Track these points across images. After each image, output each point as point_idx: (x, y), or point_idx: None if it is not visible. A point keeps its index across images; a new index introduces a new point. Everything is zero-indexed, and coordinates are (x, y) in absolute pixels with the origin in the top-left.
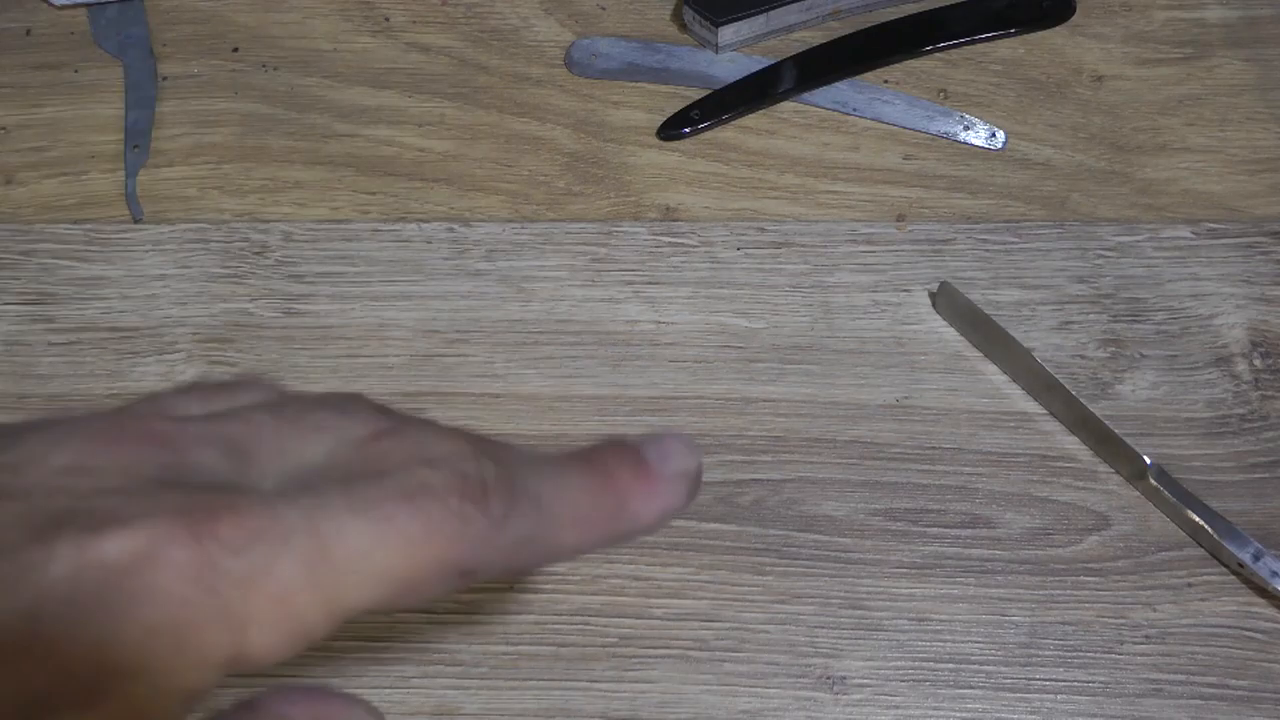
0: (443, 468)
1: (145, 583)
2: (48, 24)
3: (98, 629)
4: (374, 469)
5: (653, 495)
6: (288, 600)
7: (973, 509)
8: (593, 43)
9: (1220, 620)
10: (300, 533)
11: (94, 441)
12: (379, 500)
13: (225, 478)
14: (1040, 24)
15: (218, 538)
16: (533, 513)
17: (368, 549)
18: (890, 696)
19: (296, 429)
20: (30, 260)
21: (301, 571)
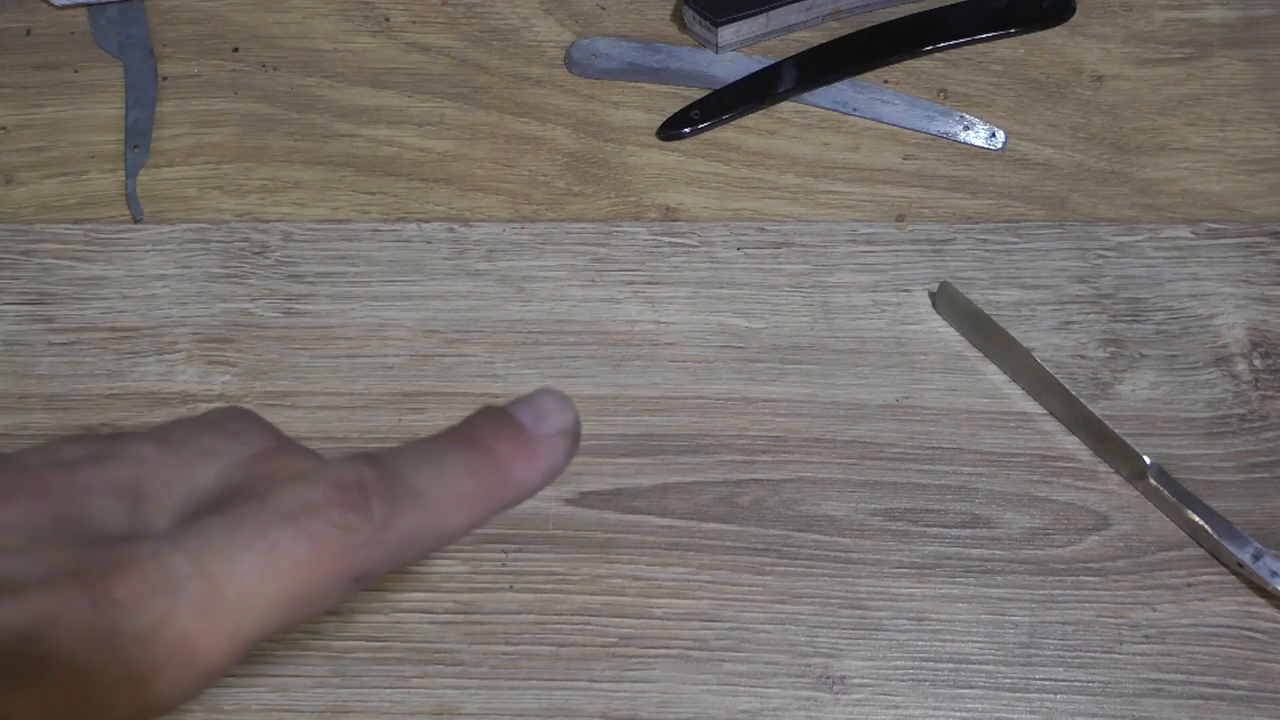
0: (319, 481)
1: (44, 650)
2: (48, 24)
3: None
4: (257, 493)
5: (534, 459)
6: (188, 646)
7: (973, 509)
8: (593, 43)
9: (1220, 620)
10: (192, 578)
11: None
12: (262, 529)
13: (119, 524)
14: (1040, 24)
15: (113, 599)
16: (417, 505)
17: (259, 581)
18: (890, 696)
19: (183, 457)
20: (30, 260)
21: (198, 616)
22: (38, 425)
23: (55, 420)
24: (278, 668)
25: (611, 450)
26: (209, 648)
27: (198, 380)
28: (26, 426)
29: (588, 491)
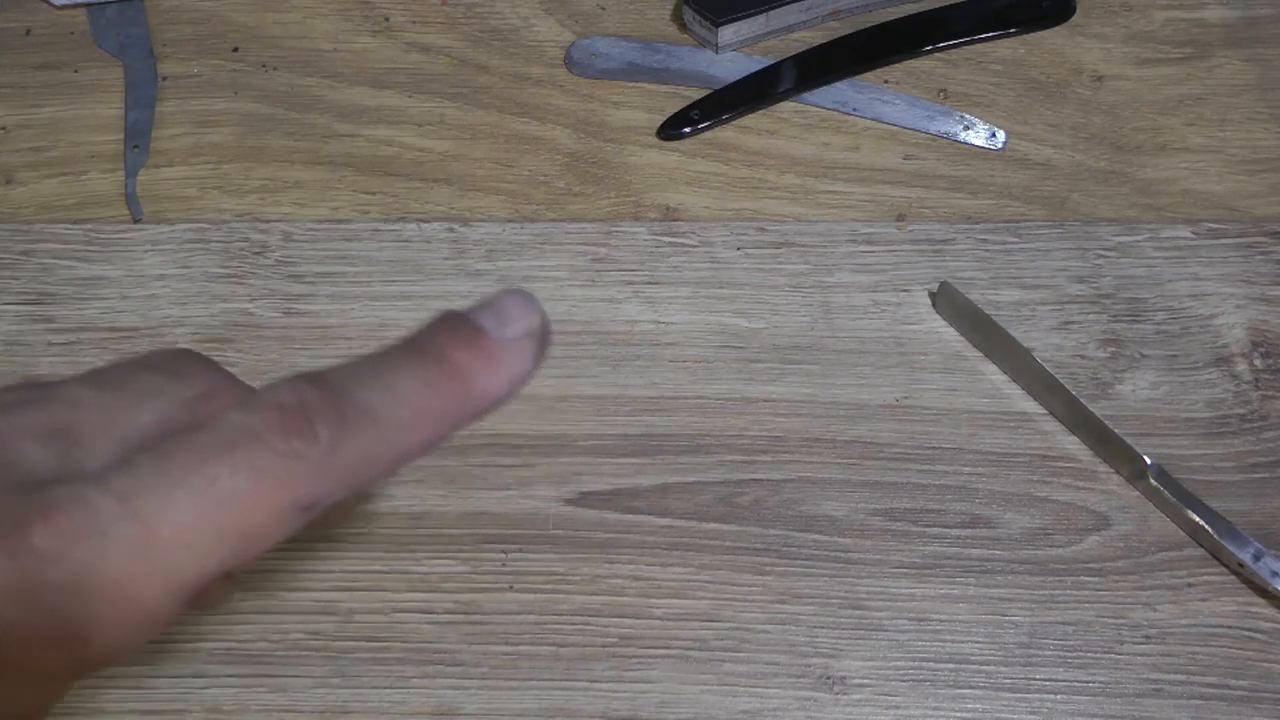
0: (258, 407)
1: None
2: (48, 24)
3: None
4: (193, 425)
5: (497, 367)
6: (123, 592)
7: (973, 509)
8: (593, 43)
9: (1220, 620)
10: (120, 520)
11: None
12: (198, 463)
13: (48, 470)
14: (1040, 24)
15: (34, 550)
16: (368, 425)
17: (195, 519)
18: (890, 696)
19: (121, 398)
20: (30, 260)
21: (130, 560)
22: None
23: None
24: (278, 668)
25: (611, 450)
26: (145, 592)
27: None
28: None
29: (588, 491)
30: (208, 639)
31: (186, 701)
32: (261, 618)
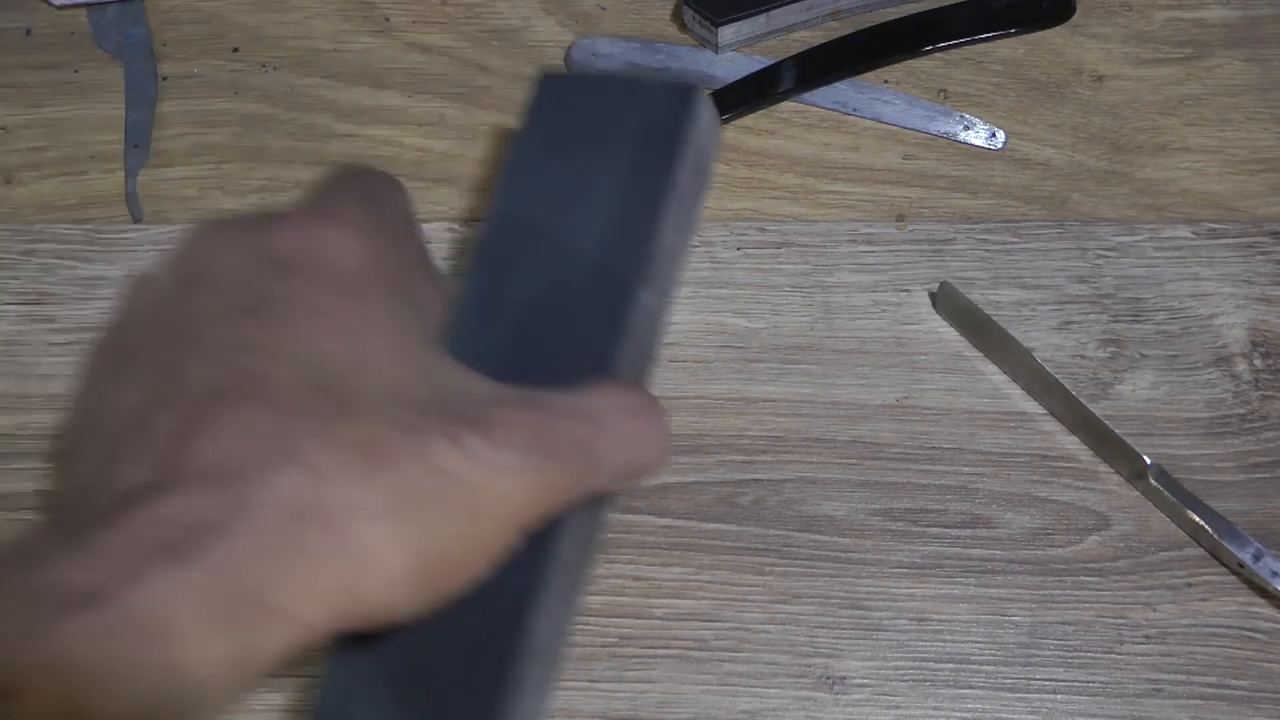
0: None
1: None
2: (48, 24)
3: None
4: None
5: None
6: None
7: (973, 509)
8: (593, 43)
9: (1220, 620)
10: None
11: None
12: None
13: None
14: (1040, 24)
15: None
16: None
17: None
18: (890, 696)
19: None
20: (30, 260)
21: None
22: (38, 425)
23: (56, 420)
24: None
25: None
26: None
27: None
28: (26, 426)
29: None
30: None
31: None
32: None
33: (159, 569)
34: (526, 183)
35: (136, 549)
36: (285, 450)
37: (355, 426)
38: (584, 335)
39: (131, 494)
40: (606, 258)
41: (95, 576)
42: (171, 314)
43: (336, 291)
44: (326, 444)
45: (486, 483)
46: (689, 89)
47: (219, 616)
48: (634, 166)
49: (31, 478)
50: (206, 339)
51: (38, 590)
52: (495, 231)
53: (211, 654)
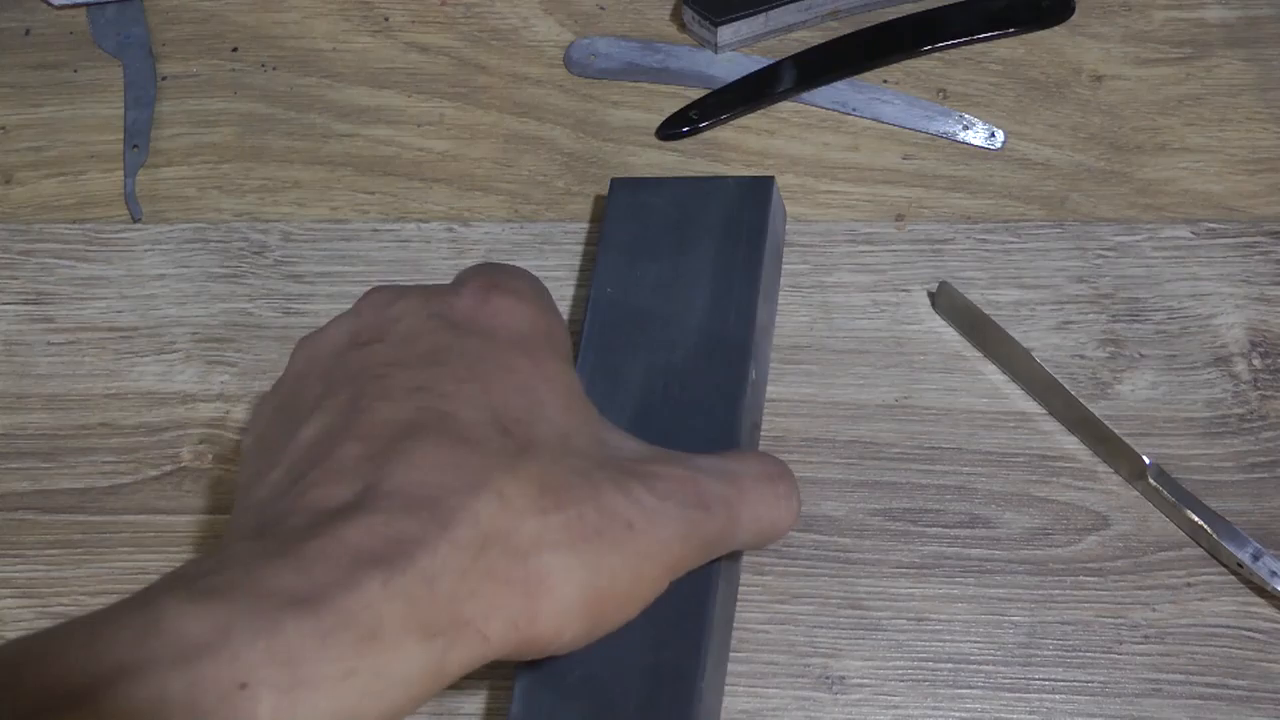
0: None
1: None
2: (47, 24)
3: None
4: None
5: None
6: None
7: (972, 509)
8: (592, 43)
9: (1220, 620)
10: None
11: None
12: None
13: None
14: (1040, 24)
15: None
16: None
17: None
18: (889, 696)
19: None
20: (30, 260)
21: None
22: (37, 425)
23: (55, 420)
24: None
25: None
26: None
27: (197, 380)
28: (25, 426)
29: None
30: None
31: None
32: None
33: (370, 576)
34: (620, 277)
35: (348, 557)
36: (477, 479)
37: (537, 465)
38: (704, 411)
39: (336, 511)
40: (712, 340)
41: (313, 581)
42: (349, 363)
43: (509, 349)
44: (514, 478)
45: (649, 528)
46: (766, 180)
47: (422, 624)
48: (724, 255)
49: (29, 478)
50: (390, 383)
51: (261, 593)
52: (598, 323)
53: (414, 659)
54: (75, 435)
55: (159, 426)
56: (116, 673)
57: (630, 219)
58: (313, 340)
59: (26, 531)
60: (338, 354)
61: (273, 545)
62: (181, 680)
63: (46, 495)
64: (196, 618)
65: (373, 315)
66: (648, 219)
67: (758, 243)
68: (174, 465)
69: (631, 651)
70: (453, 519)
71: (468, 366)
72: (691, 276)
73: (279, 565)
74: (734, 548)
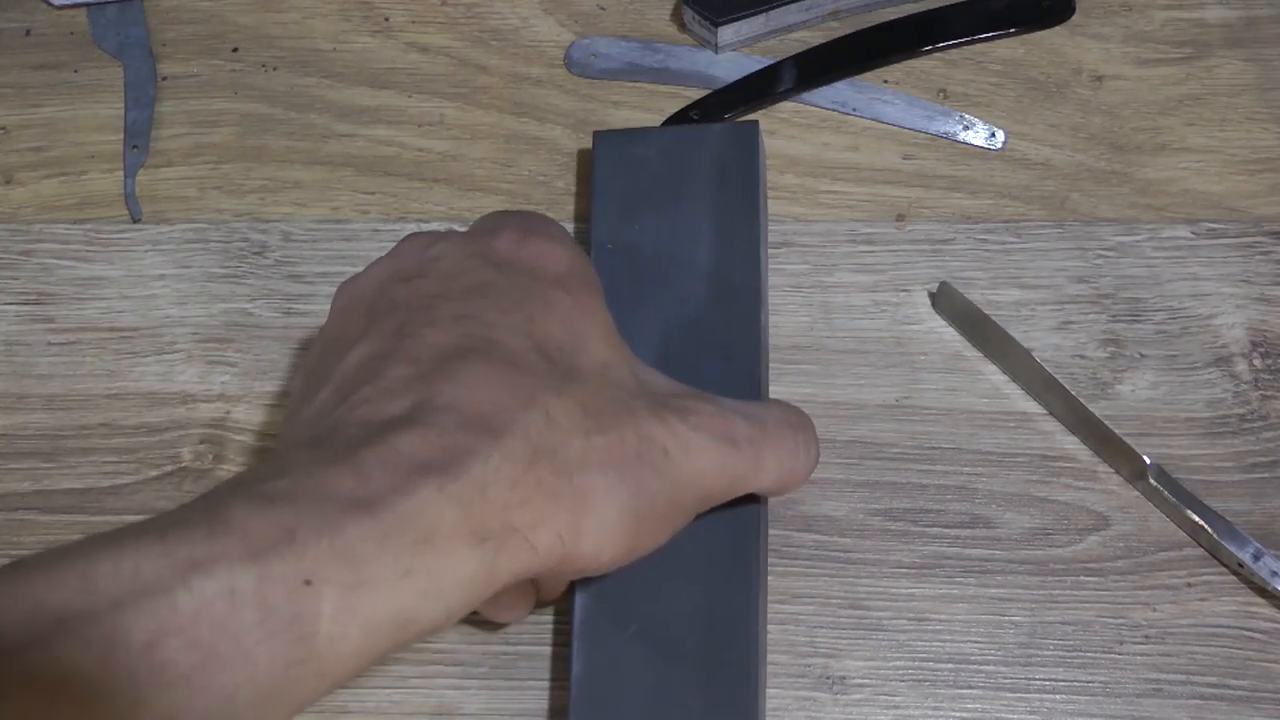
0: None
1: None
2: (47, 24)
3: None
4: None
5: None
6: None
7: (972, 509)
8: (592, 43)
9: (1220, 620)
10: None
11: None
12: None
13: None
14: (1040, 24)
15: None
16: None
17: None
18: (890, 696)
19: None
20: (30, 260)
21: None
22: (37, 425)
23: (55, 420)
24: None
25: None
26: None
27: (197, 380)
28: (26, 426)
29: None
30: None
31: None
32: None
33: (426, 481)
34: (618, 231)
35: (404, 465)
36: (525, 398)
37: (581, 389)
38: (725, 357)
39: (389, 423)
40: (721, 287)
41: (371, 486)
42: (393, 296)
43: (549, 285)
44: (559, 399)
45: (684, 456)
46: (751, 125)
47: (474, 529)
48: (722, 201)
49: (30, 478)
50: (436, 313)
51: (323, 496)
52: (603, 279)
53: (466, 563)
54: (76, 435)
55: (159, 427)
56: (189, 567)
57: (620, 173)
58: (353, 282)
59: (27, 532)
60: (381, 289)
61: (330, 454)
62: (251, 575)
63: (47, 495)
64: (263, 518)
65: (413, 256)
66: (637, 171)
67: (752, 187)
68: (174, 465)
69: (684, 598)
70: (505, 431)
71: (511, 299)
72: (690, 225)
73: (338, 471)
74: (755, 489)
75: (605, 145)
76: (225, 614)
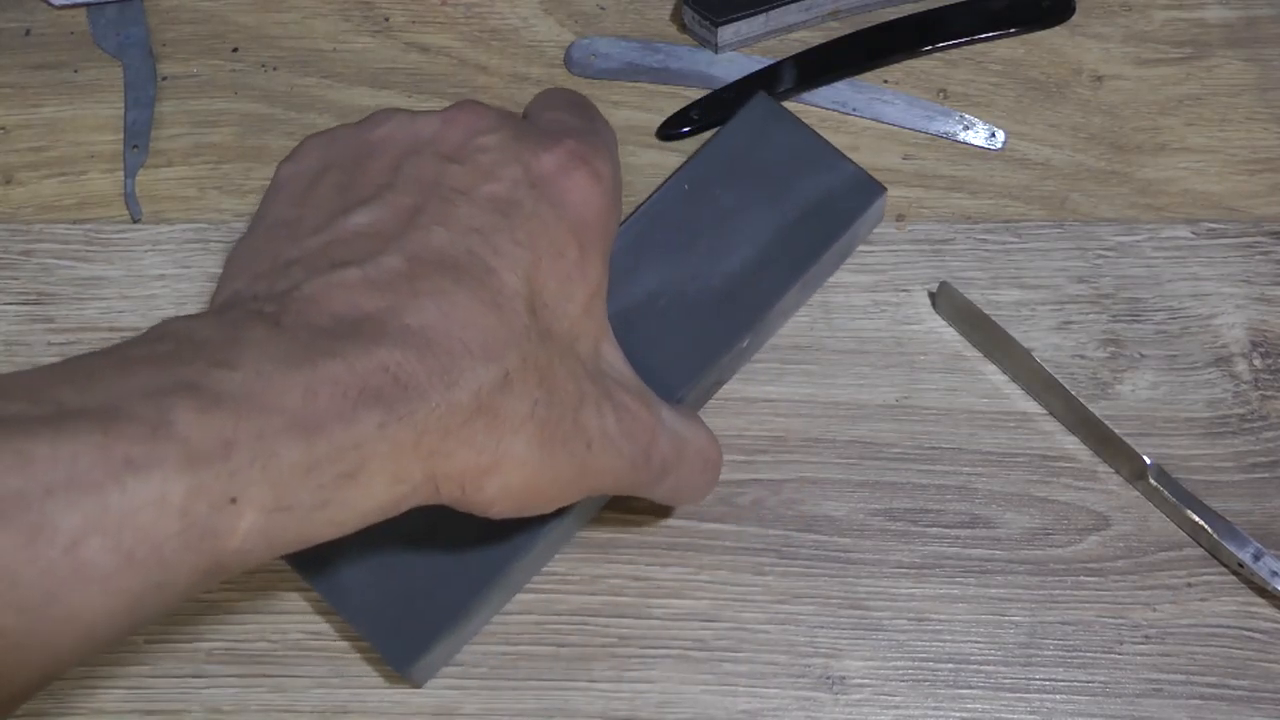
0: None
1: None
2: (47, 24)
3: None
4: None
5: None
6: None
7: (973, 509)
8: (592, 43)
9: (1220, 620)
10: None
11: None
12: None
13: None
14: (1040, 24)
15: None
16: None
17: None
18: (890, 696)
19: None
20: (30, 260)
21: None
22: None
23: None
24: (277, 668)
25: None
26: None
27: None
28: None
29: None
30: (207, 639)
31: (186, 701)
32: (261, 618)
33: (369, 414)
34: (702, 183)
35: (355, 389)
36: (493, 349)
37: (545, 356)
38: (675, 350)
39: (360, 322)
40: (730, 294)
41: (316, 408)
42: (424, 169)
43: (568, 231)
44: (523, 362)
45: (602, 453)
46: (877, 186)
47: (396, 471)
48: (798, 226)
49: None
50: (455, 211)
51: (267, 408)
52: (657, 209)
53: (376, 497)
54: None
55: None
56: (124, 466)
57: (749, 137)
58: (400, 121)
59: None
60: (417, 150)
61: (288, 345)
62: (182, 485)
63: None
64: (206, 425)
65: (462, 134)
66: (760, 148)
67: (833, 235)
68: None
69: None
70: (458, 381)
71: (527, 231)
72: (757, 225)
73: (288, 381)
74: (640, 496)
75: (759, 106)
76: (151, 521)
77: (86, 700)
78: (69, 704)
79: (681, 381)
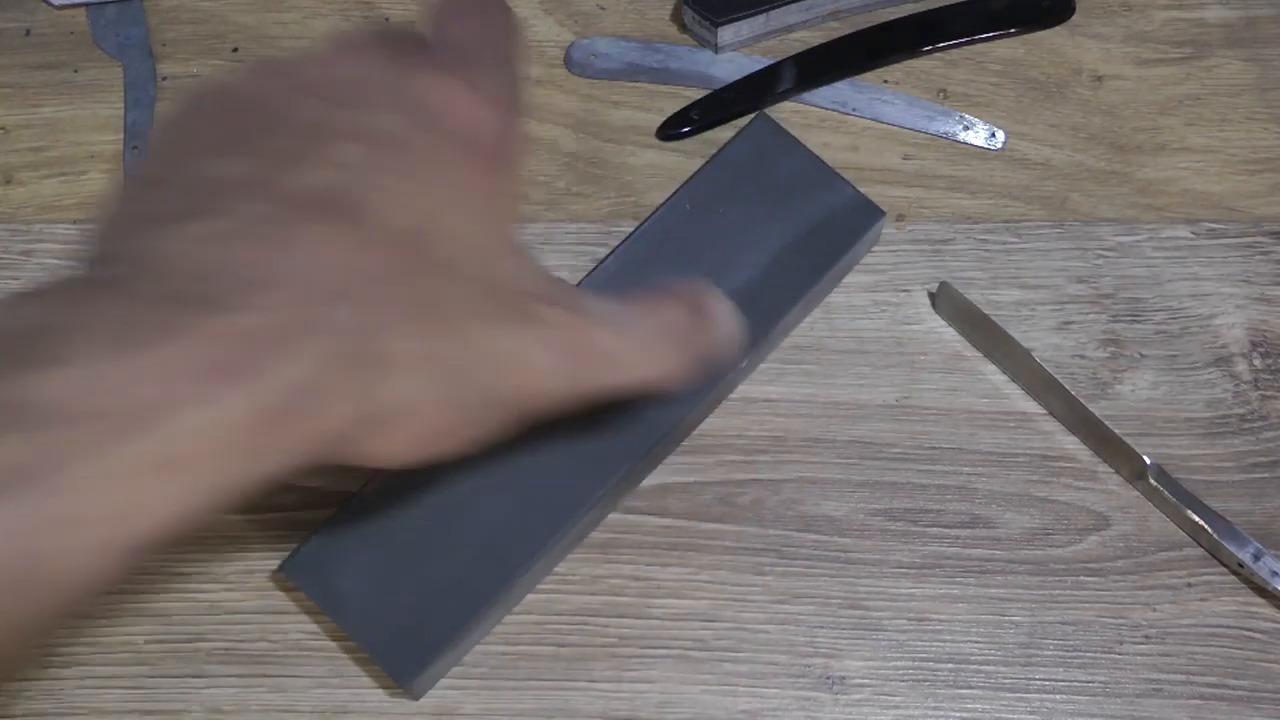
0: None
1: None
2: (47, 24)
3: None
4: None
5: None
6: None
7: (972, 509)
8: (592, 43)
9: (1220, 620)
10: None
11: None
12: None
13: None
14: (1040, 24)
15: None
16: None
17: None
18: (890, 696)
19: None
20: (30, 260)
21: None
22: None
23: None
24: (277, 668)
25: None
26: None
27: None
28: None
29: None
30: (207, 639)
31: (186, 701)
32: (261, 618)
33: (219, 390)
34: (704, 202)
35: (217, 356)
36: (370, 291)
37: (427, 285)
38: None
39: (225, 277)
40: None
41: (173, 390)
42: (288, 109)
43: (462, 155)
44: (406, 298)
45: (515, 372)
46: (876, 210)
47: (245, 452)
48: (798, 248)
49: None
50: (327, 147)
51: (94, 412)
52: (658, 226)
53: (220, 483)
54: None
55: None
56: None
57: (750, 158)
58: (272, 68)
59: None
60: (291, 94)
61: (135, 328)
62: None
63: None
64: (24, 443)
65: (338, 72)
66: (761, 169)
67: (832, 258)
68: None
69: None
70: (330, 329)
71: (411, 165)
72: (757, 246)
73: (125, 368)
74: (614, 397)
75: (761, 127)
76: None
77: (86, 700)
78: (69, 704)
79: (682, 400)
